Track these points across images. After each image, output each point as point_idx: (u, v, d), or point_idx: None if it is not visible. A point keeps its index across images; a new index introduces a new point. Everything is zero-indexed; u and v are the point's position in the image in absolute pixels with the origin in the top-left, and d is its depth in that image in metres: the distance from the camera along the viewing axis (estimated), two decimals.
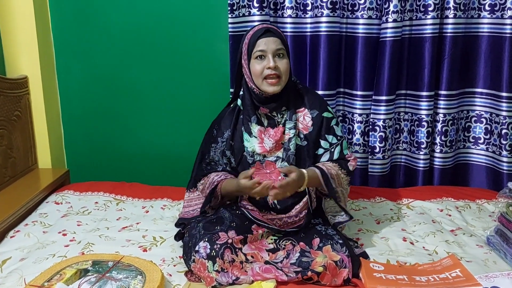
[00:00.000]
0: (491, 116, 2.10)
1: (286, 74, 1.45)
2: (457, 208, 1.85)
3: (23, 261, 1.45)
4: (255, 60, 1.44)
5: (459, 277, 1.23)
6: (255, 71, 1.44)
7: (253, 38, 1.45)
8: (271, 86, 1.43)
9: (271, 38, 1.44)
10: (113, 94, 2.27)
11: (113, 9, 2.17)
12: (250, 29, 1.51)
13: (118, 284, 1.23)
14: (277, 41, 1.44)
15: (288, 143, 1.49)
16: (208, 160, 1.59)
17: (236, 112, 1.56)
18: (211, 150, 1.57)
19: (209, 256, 1.34)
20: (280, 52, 1.44)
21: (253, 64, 1.45)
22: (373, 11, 2.00)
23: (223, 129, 1.57)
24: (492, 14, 2.00)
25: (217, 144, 1.57)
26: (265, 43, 1.43)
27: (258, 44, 1.43)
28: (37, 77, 2.12)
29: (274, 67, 1.41)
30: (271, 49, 1.43)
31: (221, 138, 1.56)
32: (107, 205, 1.89)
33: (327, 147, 1.53)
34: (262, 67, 1.43)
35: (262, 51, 1.43)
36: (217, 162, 1.57)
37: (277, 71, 1.43)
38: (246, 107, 1.52)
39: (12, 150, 1.99)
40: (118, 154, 2.34)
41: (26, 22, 2.06)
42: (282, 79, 1.45)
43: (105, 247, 1.52)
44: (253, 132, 1.51)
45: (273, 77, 1.42)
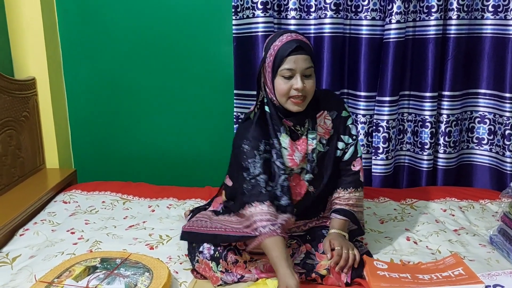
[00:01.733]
0: (495, 117, 2.11)
1: (311, 94, 1.36)
2: (461, 208, 1.86)
3: (33, 258, 1.48)
4: (281, 77, 1.32)
5: (461, 275, 1.24)
6: (280, 90, 1.33)
7: (282, 52, 1.30)
8: (295, 105, 1.34)
9: (301, 56, 1.30)
10: (119, 95, 2.30)
11: (119, 12, 2.20)
12: (276, 36, 1.35)
13: (126, 280, 1.25)
14: (308, 59, 1.32)
15: (312, 154, 1.42)
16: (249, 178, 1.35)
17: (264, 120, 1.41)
18: (249, 167, 1.36)
19: (213, 257, 1.35)
20: (308, 71, 1.32)
21: (279, 81, 1.33)
22: (377, 12, 2.02)
23: (257, 141, 1.37)
24: (496, 15, 2.01)
25: (254, 158, 1.36)
26: (295, 62, 1.30)
27: (287, 62, 1.30)
28: (45, 79, 2.15)
29: (302, 89, 1.31)
30: (301, 68, 1.31)
31: (257, 151, 1.36)
32: (114, 204, 1.91)
33: (343, 147, 1.47)
34: (288, 87, 1.32)
35: (290, 70, 1.31)
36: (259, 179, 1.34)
37: (303, 92, 1.32)
38: (272, 116, 1.40)
39: (20, 150, 2.02)
40: (124, 155, 2.37)
41: (34, 25, 2.10)
42: (307, 98, 1.35)
43: (113, 245, 1.55)
44: (283, 143, 1.40)
45: (299, 98, 1.32)
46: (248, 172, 1.35)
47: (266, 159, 1.37)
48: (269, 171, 1.36)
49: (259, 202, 1.29)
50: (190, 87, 2.28)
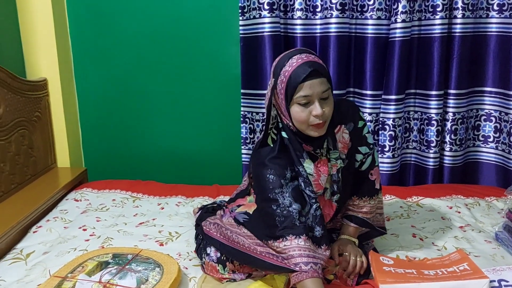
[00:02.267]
0: (500, 114, 2.12)
1: (330, 116, 1.26)
2: (466, 205, 1.88)
3: (46, 254, 1.51)
4: (297, 105, 1.22)
5: (466, 271, 1.25)
6: (299, 118, 1.23)
7: (295, 78, 1.19)
8: (317, 131, 1.25)
9: (317, 80, 1.19)
10: (128, 95, 2.34)
11: (128, 14, 2.24)
12: (285, 60, 1.23)
13: (137, 275, 1.29)
14: (324, 82, 1.21)
15: (337, 174, 1.34)
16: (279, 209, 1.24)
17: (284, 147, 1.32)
18: (278, 198, 1.25)
19: (219, 260, 1.36)
20: (326, 95, 1.22)
21: (295, 110, 1.22)
22: (382, 11, 2.04)
23: (282, 170, 1.28)
24: (501, 14, 2.02)
25: (282, 188, 1.26)
26: (311, 87, 1.19)
27: (302, 89, 1.19)
28: (56, 80, 2.19)
29: (321, 115, 1.21)
30: (317, 92, 1.20)
31: (284, 180, 1.27)
32: (124, 202, 1.95)
33: (360, 159, 1.40)
34: (307, 115, 1.22)
35: (307, 97, 1.20)
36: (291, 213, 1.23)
37: (323, 117, 1.22)
38: (291, 141, 1.30)
39: (32, 149, 2.06)
40: (134, 154, 2.41)
41: (45, 27, 2.14)
42: (327, 122, 1.27)
43: (124, 241, 1.58)
44: (308, 169, 1.31)
45: (319, 124, 1.23)
46: (277, 203, 1.24)
47: (294, 187, 1.27)
48: (300, 200, 1.26)
49: (295, 236, 1.20)
50: (197, 86, 2.31)
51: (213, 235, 1.42)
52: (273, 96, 1.27)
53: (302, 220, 1.23)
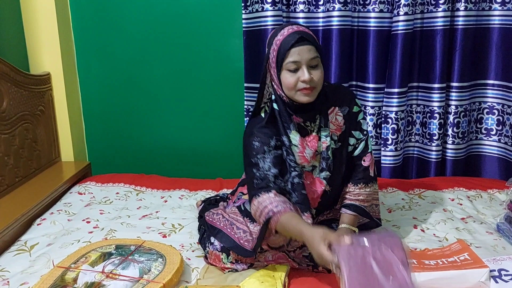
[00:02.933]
0: (503, 107, 2.11)
1: (320, 84, 1.31)
2: (469, 197, 1.88)
3: (50, 246, 1.53)
4: (287, 71, 1.28)
5: (467, 260, 1.26)
6: (288, 84, 1.29)
7: (284, 46, 1.26)
8: (305, 96, 1.29)
9: (305, 47, 1.26)
10: (132, 89, 2.35)
11: (130, 7, 2.25)
12: (277, 31, 1.32)
13: (140, 266, 1.30)
14: (312, 49, 1.27)
15: (327, 151, 1.38)
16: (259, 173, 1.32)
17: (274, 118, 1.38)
18: (259, 162, 1.33)
19: (223, 248, 1.38)
20: (314, 61, 1.28)
21: (285, 76, 1.29)
22: (385, 4, 2.04)
23: (267, 138, 1.35)
24: (503, 6, 2.01)
25: (264, 154, 1.33)
26: (299, 53, 1.25)
27: (290, 54, 1.26)
28: (59, 74, 2.21)
29: (309, 80, 1.26)
30: (306, 59, 1.26)
31: (267, 147, 1.34)
32: (128, 195, 1.97)
33: (354, 143, 1.44)
34: (295, 80, 1.27)
35: (295, 63, 1.26)
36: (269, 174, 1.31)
37: (312, 83, 1.27)
38: (281, 113, 1.36)
39: (36, 143, 2.08)
40: (137, 148, 2.42)
41: (48, 22, 2.15)
42: (316, 89, 1.30)
43: (127, 233, 1.60)
44: (294, 140, 1.36)
45: (307, 89, 1.28)
46: (257, 167, 1.32)
47: (276, 155, 1.34)
48: (279, 167, 1.33)
49: (265, 192, 1.28)
50: (201, 80, 2.32)
51: (216, 225, 1.45)
52: (267, 67, 1.35)
53: (277, 182, 1.30)
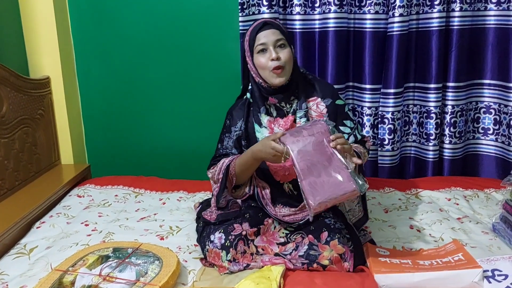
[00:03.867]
0: (500, 107, 2.12)
1: (289, 63, 1.47)
2: (465, 197, 1.89)
3: (49, 249, 1.55)
4: (258, 54, 1.46)
5: (461, 261, 1.27)
6: (260, 64, 1.46)
7: (253, 33, 1.47)
8: (277, 77, 1.45)
9: (269, 30, 1.45)
10: (130, 92, 2.37)
11: (128, 11, 2.26)
12: (249, 27, 1.53)
13: (137, 268, 1.31)
14: (276, 32, 1.46)
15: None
16: (221, 150, 1.59)
17: (247, 104, 1.58)
18: (224, 139, 1.58)
19: (223, 246, 1.40)
20: (280, 43, 1.45)
21: (257, 58, 1.46)
22: (380, 6, 2.05)
23: (236, 119, 1.57)
24: (499, 6, 2.02)
25: (230, 133, 1.57)
26: (265, 36, 1.45)
27: (258, 38, 1.45)
28: (59, 77, 2.23)
29: (277, 58, 1.42)
30: (271, 40, 1.44)
31: (234, 128, 1.57)
32: (126, 197, 1.98)
33: (348, 131, 1.55)
34: (266, 60, 1.44)
35: (263, 44, 1.44)
36: (230, 152, 1.56)
37: (280, 62, 1.43)
38: (255, 99, 1.54)
39: (36, 147, 2.10)
40: (136, 150, 2.44)
41: (47, 26, 2.17)
42: (286, 69, 1.46)
43: (125, 236, 1.61)
44: (263, 122, 1.52)
45: (277, 68, 1.43)
46: (222, 143, 1.58)
47: (239, 136, 1.55)
48: (239, 147, 1.55)
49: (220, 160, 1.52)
50: (198, 83, 2.33)
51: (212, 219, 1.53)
52: (245, 58, 1.52)
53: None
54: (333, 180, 1.24)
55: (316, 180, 1.24)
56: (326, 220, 1.46)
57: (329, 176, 1.25)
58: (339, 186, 1.23)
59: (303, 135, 1.30)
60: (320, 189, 1.23)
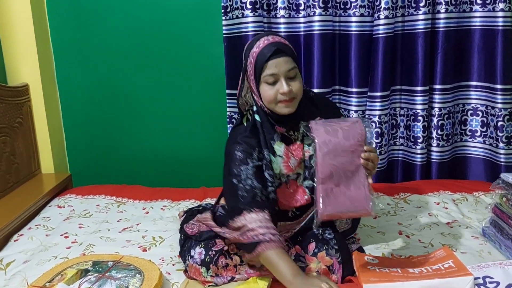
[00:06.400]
0: (487, 108, 2.11)
1: (300, 94, 1.31)
2: (454, 201, 1.87)
3: (26, 263, 1.48)
4: (265, 84, 1.29)
5: (451, 268, 1.24)
6: (267, 97, 1.29)
7: (261, 58, 1.26)
8: (286, 107, 1.30)
9: (282, 58, 1.26)
10: (113, 98, 2.31)
11: (110, 15, 2.21)
12: (253, 42, 1.32)
13: (117, 283, 1.26)
14: (289, 61, 1.27)
15: (310, 160, 1.35)
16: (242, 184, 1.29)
17: (256, 129, 1.37)
18: (241, 173, 1.30)
19: (203, 262, 1.34)
20: (292, 72, 1.28)
21: (264, 89, 1.29)
22: (365, 8, 2.03)
23: (249, 150, 1.33)
24: (484, 7, 2.01)
25: (247, 165, 1.31)
26: (276, 66, 1.26)
27: (268, 67, 1.26)
28: (38, 84, 2.16)
29: (288, 92, 1.27)
30: (283, 71, 1.26)
31: (251, 159, 1.32)
32: (109, 207, 1.92)
33: None
34: (275, 93, 1.28)
35: (273, 75, 1.26)
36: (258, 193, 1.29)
37: (291, 94, 1.28)
38: (264, 123, 1.36)
39: (15, 156, 2.03)
40: (119, 158, 2.38)
41: (25, 31, 2.11)
42: (296, 99, 1.31)
43: (106, 248, 1.55)
44: (278, 151, 1.35)
45: (287, 101, 1.29)
46: (239, 179, 1.29)
47: (258, 167, 1.32)
48: (261, 180, 1.31)
49: (260, 210, 1.25)
50: (182, 88, 2.29)
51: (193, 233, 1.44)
52: (246, 79, 1.35)
53: (263, 198, 1.29)
54: (350, 194, 1.16)
55: (333, 189, 1.16)
56: (314, 231, 1.40)
57: (348, 189, 1.16)
58: (354, 203, 1.16)
59: (338, 136, 1.18)
60: (334, 199, 1.16)
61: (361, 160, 1.19)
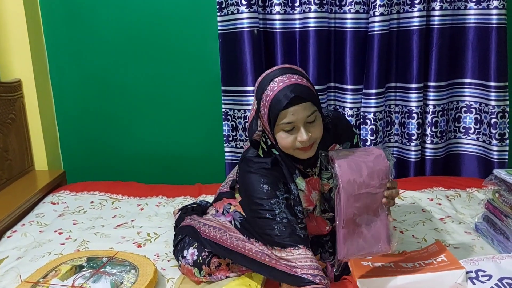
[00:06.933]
0: (481, 106, 2.12)
1: (319, 137, 1.20)
2: (447, 197, 1.88)
3: (20, 259, 1.48)
4: (282, 131, 1.17)
5: (443, 262, 1.25)
6: (284, 144, 1.18)
7: (277, 106, 1.13)
8: (304, 153, 1.20)
9: (300, 105, 1.13)
10: (106, 94, 2.30)
11: (104, 10, 2.20)
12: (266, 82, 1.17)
13: (112, 278, 1.26)
14: (308, 106, 1.14)
15: (329, 193, 1.31)
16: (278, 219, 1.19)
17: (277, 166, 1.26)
18: (274, 208, 1.19)
19: (195, 263, 1.32)
20: (312, 116, 1.15)
21: (280, 136, 1.18)
22: (360, 5, 2.03)
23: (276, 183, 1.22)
24: (478, 5, 2.02)
25: (278, 198, 1.21)
26: (294, 114, 1.13)
27: (285, 116, 1.13)
28: (31, 80, 2.15)
29: (307, 140, 1.16)
30: (302, 118, 1.14)
31: (279, 192, 1.22)
32: (103, 204, 1.92)
33: None
34: (292, 140, 1.17)
35: (290, 124, 1.14)
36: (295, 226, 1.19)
37: (310, 140, 1.17)
38: (283, 159, 1.26)
39: (8, 152, 2.02)
40: (114, 154, 2.37)
41: (18, 26, 2.09)
42: (316, 143, 1.21)
43: (100, 244, 1.55)
44: (300, 186, 1.27)
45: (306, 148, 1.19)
46: (274, 213, 1.18)
47: (289, 201, 1.23)
48: (293, 213, 1.22)
49: (305, 247, 1.15)
50: (177, 85, 2.28)
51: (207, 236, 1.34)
52: (259, 118, 1.22)
53: (302, 232, 1.19)
54: (371, 235, 1.12)
55: (355, 230, 1.11)
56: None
57: (368, 231, 1.12)
58: (376, 244, 1.12)
59: (362, 174, 1.11)
60: (356, 241, 1.11)
61: (384, 199, 1.13)
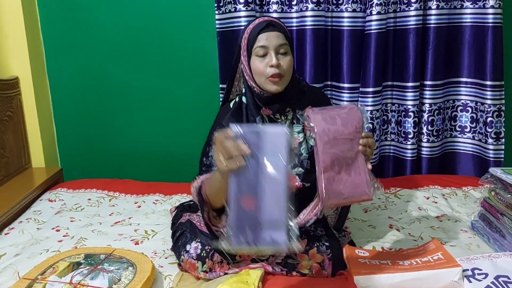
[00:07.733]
0: (476, 104, 2.13)
1: (289, 73, 1.33)
2: (444, 195, 1.89)
3: (18, 256, 1.47)
4: (256, 57, 1.31)
5: (440, 260, 1.26)
6: (256, 69, 1.31)
7: (254, 32, 1.31)
8: (274, 85, 1.31)
9: (273, 32, 1.30)
10: (104, 92, 2.30)
11: (102, 8, 2.19)
12: (250, 23, 1.38)
13: (109, 275, 1.26)
14: (280, 36, 1.31)
15: (299, 147, 1.38)
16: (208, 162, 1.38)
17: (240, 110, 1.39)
18: (210, 150, 1.36)
19: (199, 256, 1.34)
20: (283, 49, 1.31)
21: (254, 61, 1.32)
22: (357, 4, 2.04)
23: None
24: (475, 4, 2.03)
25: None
26: (267, 38, 1.29)
27: (259, 39, 1.30)
28: (28, 77, 2.14)
29: (276, 65, 1.28)
30: (274, 44, 1.29)
31: None
32: (100, 201, 1.92)
33: None
34: (264, 65, 1.30)
35: (263, 47, 1.29)
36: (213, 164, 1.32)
37: (280, 69, 1.29)
38: (249, 106, 1.38)
39: (5, 150, 2.01)
40: (111, 152, 2.37)
41: (15, 23, 2.09)
42: (285, 78, 1.32)
43: (98, 241, 1.55)
44: None
45: (275, 76, 1.29)
46: (207, 156, 1.37)
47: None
48: None
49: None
50: (175, 82, 2.28)
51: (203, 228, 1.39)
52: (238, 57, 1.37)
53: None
54: (351, 180, 1.17)
55: (335, 177, 1.17)
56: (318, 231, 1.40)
57: (349, 175, 1.18)
58: (356, 189, 1.17)
59: (337, 123, 1.18)
60: (336, 187, 1.16)
61: (360, 146, 1.20)
